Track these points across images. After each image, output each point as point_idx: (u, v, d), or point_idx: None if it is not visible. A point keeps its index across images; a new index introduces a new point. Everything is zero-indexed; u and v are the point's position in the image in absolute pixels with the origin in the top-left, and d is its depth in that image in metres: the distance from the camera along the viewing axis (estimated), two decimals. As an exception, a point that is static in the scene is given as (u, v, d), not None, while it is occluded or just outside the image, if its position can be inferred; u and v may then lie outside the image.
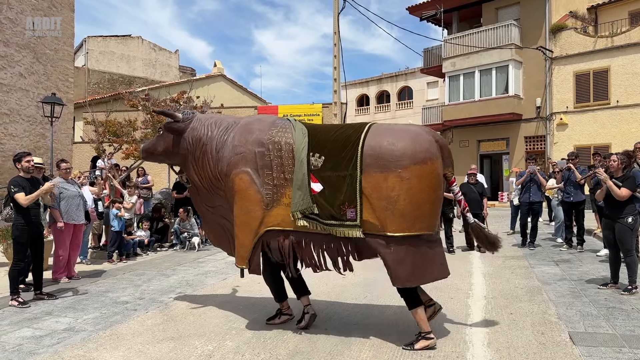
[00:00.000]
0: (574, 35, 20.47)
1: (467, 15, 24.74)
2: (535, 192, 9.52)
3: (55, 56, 17.50)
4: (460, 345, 4.20)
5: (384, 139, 4.15)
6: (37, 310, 5.56)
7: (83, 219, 7.42)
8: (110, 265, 8.48)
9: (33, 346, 4.31)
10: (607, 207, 6.15)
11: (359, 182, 4.09)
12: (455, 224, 10.20)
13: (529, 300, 5.64)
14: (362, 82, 40.85)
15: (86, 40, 32.06)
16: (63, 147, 17.92)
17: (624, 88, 19.18)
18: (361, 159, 4.11)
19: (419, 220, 4.04)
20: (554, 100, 20.93)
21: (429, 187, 4.08)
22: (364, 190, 4.08)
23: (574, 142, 20.21)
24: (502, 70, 21.66)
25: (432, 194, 4.10)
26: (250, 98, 35.17)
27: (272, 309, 5.44)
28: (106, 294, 6.31)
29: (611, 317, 4.90)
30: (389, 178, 4.02)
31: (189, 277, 7.35)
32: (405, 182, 4.00)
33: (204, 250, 10.09)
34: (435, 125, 25.89)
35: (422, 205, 4.04)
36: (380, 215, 4.03)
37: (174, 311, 5.45)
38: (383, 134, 4.22)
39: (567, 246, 9.32)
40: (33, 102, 16.21)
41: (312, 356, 4.01)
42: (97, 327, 4.85)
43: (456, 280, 6.86)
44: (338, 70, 17.69)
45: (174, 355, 4.08)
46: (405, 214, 4.00)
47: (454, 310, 5.32)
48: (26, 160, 6.08)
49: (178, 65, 37.72)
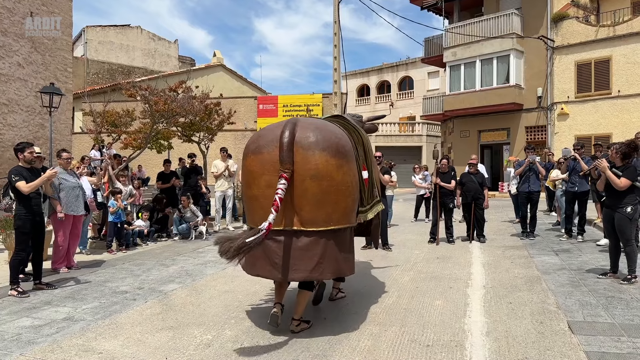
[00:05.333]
0: (576, 24, 20.33)
1: (468, 4, 24.58)
2: (534, 181, 9.50)
3: (54, 46, 17.40)
4: (459, 334, 4.20)
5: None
6: (36, 300, 5.57)
7: (82, 210, 7.41)
8: (109, 255, 8.49)
9: (32, 335, 4.32)
10: (607, 196, 6.14)
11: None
12: (455, 214, 10.20)
13: (528, 290, 5.64)
14: (363, 72, 40.70)
15: (85, 30, 31.90)
16: (62, 137, 17.88)
17: (625, 78, 19.08)
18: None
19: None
20: (555, 90, 20.83)
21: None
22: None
23: (575, 132, 20.15)
24: (504, 59, 21.54)
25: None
26: (250, 88, 35.08)
27: (271, 298, 5.45)
28: (105, 284, 6.32)
29: (610, 306, 4.90)
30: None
31: (189, 267, 7.36)
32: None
33: (205, 240, 10.10)
34: (436, 115, 25.85)
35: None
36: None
37: (173, 301, 5.45)
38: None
39: (567, 236, 9.31)
40: (32, 92, 16.15)
41: (310, 345, 4.01)
42: (96, 317, 4.86)
43: (455, 269, 6.87)
44: (338, 60, 17.57)
45: (172, 344, 4.08)
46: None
47: (453, 299, 5.32)
48: (29, 152, 6.08)
49: (177, 55, 37.57)
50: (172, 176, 11.37)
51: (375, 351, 3.87)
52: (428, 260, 7.64)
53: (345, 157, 4.26)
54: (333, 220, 4.15)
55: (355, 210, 4.49)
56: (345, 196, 4.22)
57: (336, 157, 4.15)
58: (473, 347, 3.92)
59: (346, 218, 4.29)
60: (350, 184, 4.27)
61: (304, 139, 4.10)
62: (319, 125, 4.33)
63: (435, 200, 9.28)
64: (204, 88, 14.28)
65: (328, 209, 4.10)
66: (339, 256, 4.25)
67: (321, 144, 4.12)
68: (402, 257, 7.91)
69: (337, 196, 4.14)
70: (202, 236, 10.30)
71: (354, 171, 4.38)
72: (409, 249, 8.62)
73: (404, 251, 8.44)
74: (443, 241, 9.23)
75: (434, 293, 5.61)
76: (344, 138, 4.43)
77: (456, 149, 24.26)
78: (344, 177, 4.20)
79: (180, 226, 10.42)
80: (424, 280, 6.24)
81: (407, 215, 13.61)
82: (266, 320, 4.33)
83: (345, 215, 4.27)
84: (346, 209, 4.26)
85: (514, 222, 11.78)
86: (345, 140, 4.42)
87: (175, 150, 16.16)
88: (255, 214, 4.26)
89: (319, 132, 4.20)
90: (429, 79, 36.08)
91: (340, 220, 4.21)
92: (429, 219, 12.33)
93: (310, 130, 4.18)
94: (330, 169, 4.10)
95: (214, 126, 14.37)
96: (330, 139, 4.21)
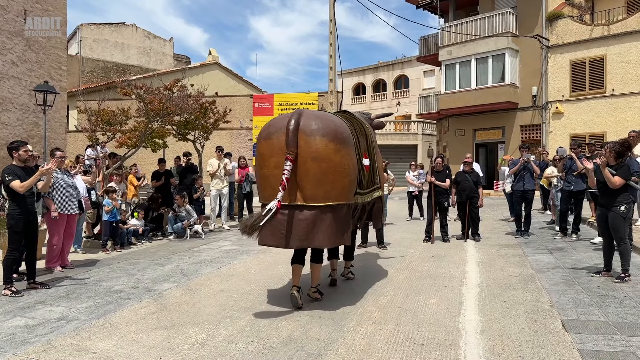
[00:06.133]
0: (571, 23, 20.40)
1: (463, 3, 24.63)
2: (529, 180, 9.53)
3: (48, 44, 17.30)
4: (454, 333, 4.21)
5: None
6: (30, 299, 5.54)
7: (76, 208, 7.38)
8: (104, 255, 8.46)
9: (26, 335, 4.30)
10: (602, 195, 6.16)
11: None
12: (450, 212, 10.22)
13: (523, 288, 5.66)
14: (359, 70, 40.69)
15: (80, 27, 31.73)
16: (57, 136, 17.78)
17: (619, 77, 19.17)
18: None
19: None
20: (550, 89, 20.91)
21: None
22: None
23: (569, 131, 20.24)
24: (499, 58, 21.61)
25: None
26: (246, 87, 35.00)
27: (265, 297, 5.46)
28: (100, 283, 6.29)
29: (603, 304, 4.93)
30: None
31: (184, 266, 7.34)
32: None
33: (199, 239, 10.08)
34: (431, 114, 25.90)
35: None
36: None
37: (168, 300, 5.44)
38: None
39: (562, 234, 9.35)
40: (26, 91, 16.05)
41: (305, 344, 4.01)
42: (90, 316, 4.84)
43: (450, 268, 6.89)
44: (334, 58, 17.56)
45: (167, 343, 4.07)
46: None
47: (448, 298, 5.33)
48: (24, 150, 6.05)
49: (172, 53, 37.45)
50: (167, 175, 11.33)
51: (370, 350, 3.88)
52: (423, 258, 7.66)
53: (342, 143, 4.85)
54: (331, 197, 4.76)
55: (352, 190, 5.07)
56: (342, 176, 4.82)
57: (334, 142, 4.76)
58: (467, 346, 3.93)
59: (343, 195, 4.89)
60: (347, 166, 4.86)
61: (306, 126, 4.72)
62: (320, 115, 5.02)
63: (431, 199, 9.30)
64: (199, 86, 14.22)
65: (327, 187, 4.72)
66: (335, 227, 4.84)
67: (321, 130, 4.74)
68: (398, 255, 7.92)
69: (335, 176, 4.75)
70: (198, 235, 10.28)
71: (351, 155, 4.95)
72: (404, 248, 8.63)
73: (399, 250, 8.45)
74: (438, 240, 9.25)
75: (428, 291, 5.62)
76: (342, 126, 5.04)
77: (451, 148, 24.31)
78: (342, 159, 4.80)
79: (175, 225, 10.39)
80: (419, 279, 6.26)
81: (402, 214, 13.63)
82: (261, 319, 4.38)
83: (342, 193, 4.87)
84: (343, 188, 4.87)
85: (508, 220, 11.83)
86: (343, 128, 5.03)
87: (170, 149, 16.10)
88: (265, 191, 4.93)
89: (320, 121, 4.83)
90: (424, 77, 36.11)
91: (338, 197, 4.82)
92: (423, 218, 12.36)
93: (312, 119, 4.82)
94: (328, 152, 4.71)
95: (209, 125, 14.33)
96: (329, 126, 4.83)
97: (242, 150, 24.63)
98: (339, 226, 4.89)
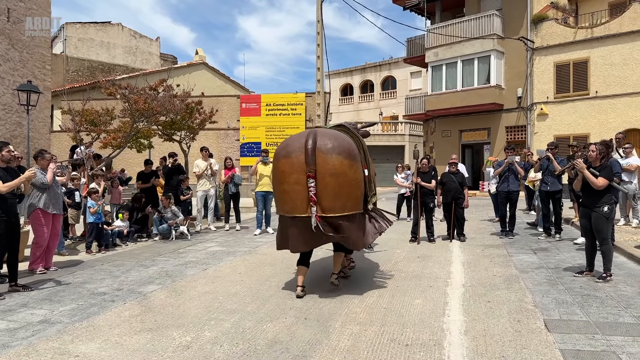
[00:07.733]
0: (555, 26, 20.64)
1: (450, 5, 24.77)
2: (513, 181, 9.62)
3: (32, 43, 17.09)
4: (438, 333, 4.24)
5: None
6: (11, 302, 5.46)
7: (62, 209, 7.30)
8: (88, 256, 8.37)
9: (7, 339, 4.24)
10: (585, 196, 6.23)
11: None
12: (436, 213, 10.28)
13: (507, 288, 5.72)
14: (346, 71, 40.74)
15: (64, 26, 31.33)
16: (41, 136, 17.57)
17: (602, 79, 19.44)
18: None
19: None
20: (535, 91, 21.13)
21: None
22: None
23: (553, 132, 20.47)
24: (484, 60, 21.78)
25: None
26: (233, 87, 34.85)
27: (251, 299, 5.44)
28: (83, 285, 6.23)
29: (585, 304, 4.99)
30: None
31: (169, 268, 7.29)
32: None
33: (184, 240, 10.02)
34: (418, 115, 26.02)
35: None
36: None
37: (153, 302, 5.40)
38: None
39: (546, 235, 9.46)
40: (9, 90, 15.84)
41: (290, 346, 4.01)
42: (73, 319, 4.78)
43: (435, 268, 6.93)
44: (321, 59, 17.58)
45: (151, 346, 4.04)
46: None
47: (433, 298, 5.36)
48: (7, 151, 6.00)
49: (159, 52, 37.15)
50: (153, 176, 11.25)
51: (355, 351, 3.88)
52: (409, 259, 7.69)
53: (354, 159, 5.42)
54: (347, 208, 5.31)
55: (362, 200, 5.61)
56: (355, 189, 5.39)
57: (348, 159, 5.31)
58: (451, 346, 3.96)
59: (357, 206, 5.48)
60: (359, 180, 5.44)
61: (323, 146, 5.25)
62: (332, 134, 5.53)
63: (416, 199, 9.35)
64: (185, 86, 14.14)
65: (343, 199, 5.27)
66: (352, 234, 5.41)
67: (337, 149, 5.28)
68: (384, 256, 7.95)
69: (350, 189, 5.31)
70: (184, 236, 10.21)
71: (360, 169, 5.51)
72: (390, 248, 8.66)
73: (386, 250, 8.47)
74: (424, 240, 9.30)
75: (414, 292, 5.65)
76: (353, 144, 5.60)
77: (438, 149, 24.45)
78: (355, 174, 5.36)
79: (161, 226, 10.31)
80: (405, 280, 6.28)
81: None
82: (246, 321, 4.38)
83: (356, 204, 5.46)
84: (357, 199, 5.46)
85: (493, 221, 11.93)
86: (353, 145, 5.60)
87: (156, 150, 16.00)
88: (285, 204, 5.46)
89: (334, 140, 5.37)
90: (411, 78, 36.30)
91: (353, 207, 5.39)
92: (410, 218, 12.41)
93: (327, 138, 5.35)
94: (344, 168, 5.25)
95: (196, 125, 14.25)
96: (343, 145, 5.38)
97: (229, 151, 24.53)
98: (355, 232, 5.46)
